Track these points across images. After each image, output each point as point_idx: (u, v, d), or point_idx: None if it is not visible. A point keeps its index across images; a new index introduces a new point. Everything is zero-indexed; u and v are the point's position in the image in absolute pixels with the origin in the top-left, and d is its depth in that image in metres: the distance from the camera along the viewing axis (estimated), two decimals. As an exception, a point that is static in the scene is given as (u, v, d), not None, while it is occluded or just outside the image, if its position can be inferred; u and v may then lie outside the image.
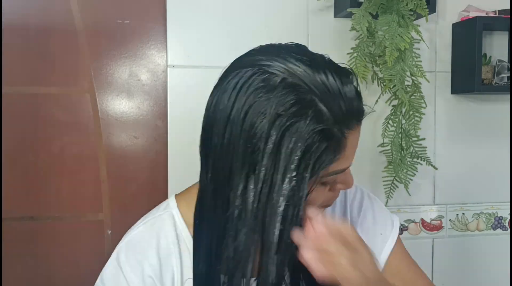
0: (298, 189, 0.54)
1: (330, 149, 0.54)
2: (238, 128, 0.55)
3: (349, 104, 0.55)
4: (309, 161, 0.53)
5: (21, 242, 1.16)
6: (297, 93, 0.53)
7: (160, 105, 1.21)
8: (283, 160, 0.53)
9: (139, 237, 0.68)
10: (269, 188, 0.54)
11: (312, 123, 0.53)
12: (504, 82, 1.26)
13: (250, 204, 0.55)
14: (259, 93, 0.54)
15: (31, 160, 1.15)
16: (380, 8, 1.10)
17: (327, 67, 0.56)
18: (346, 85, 0.56)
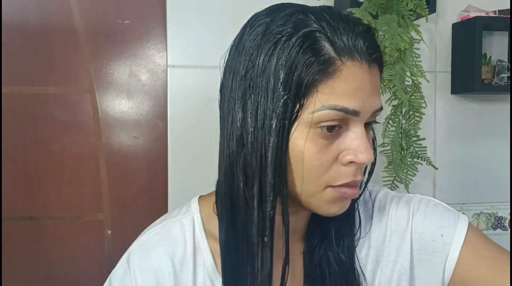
0: (287, 106, 0.51)
1: (318, 65, 0.50)
2: (238, 55, 0.56)
3: (350, 31, 0.52)
4: (295, 73, 0.51)
5: (21, 242, 1.16)
6: (295, 17, 0.53)
7: (160, 105, 1.21)
8: (272, 75, 0.52)
9: (154, 242, 0.62)
10: (263, 108, 0.52)
11: (302, 37, 0.51)
12: (504, 82, 1.26)
13: (250, 127, 0.53)
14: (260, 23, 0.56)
15: (31, 160, 1.15)
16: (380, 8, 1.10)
17: None
18: (352, 18, 0.53)
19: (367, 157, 0.53)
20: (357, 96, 0.52)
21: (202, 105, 1.18)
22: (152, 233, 0.63)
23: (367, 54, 0.52)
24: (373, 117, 0.56)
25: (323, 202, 0.55)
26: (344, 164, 0.54)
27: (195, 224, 0.63)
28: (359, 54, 0.52)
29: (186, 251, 0.61)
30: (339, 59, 0.51)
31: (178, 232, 0.62)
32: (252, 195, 0.54)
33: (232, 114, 0.55)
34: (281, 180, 0.53)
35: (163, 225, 0.64)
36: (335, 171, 0.54)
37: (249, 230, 0.54)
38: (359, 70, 0.52)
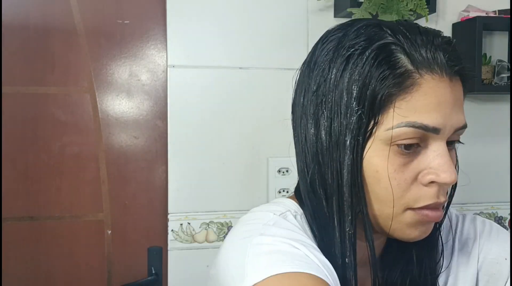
0: (361, 121, 0.49)
1: (393, 78, 0.48)
2: (309, 71, 0.54)
3: (429, 43, 0.49)
4: (369, 87, 0.48)
5: (21, 242, 1.16)
6: (368, 30, 0.51)
7: (160, 105, 1.21)
8: (345, 90, 0.49)
9: (274, 231, 0.53)
10: (336, 124, 0.50)
11: (376, 49, 0.49)
12: (504, 82, 1.26)
13: (324, 144, 0.51)
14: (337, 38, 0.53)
15: (31, 160, 1.15)
16: (380, 8, 1.10)
17: None
18: (431, 30, 0.51)
19: (450, 177, 0.49)
20: (438, 112, 0.48)
21: (202, 105, 1.18)
22: (271, 226, 0.54)
23: (448, 67, 0.49)
24: (457, 136, 0.52)
25: (403, 225, 0.52)
26: (424, 185, 0.50)
27: (302, 219, 0.57)
28: (439, 67, 0.49)
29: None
30: (417, 72, 0.48)
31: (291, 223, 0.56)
32: (333, 213, 0.52)
33: (305, 131, 0.53)
34: (359, 199, 0.51)
35: (278, 218, 0.55)
36: (415, 192, 0.50)
37: (332, 249, 0.52)
38: (439, 84, 0.49)
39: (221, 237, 1.19)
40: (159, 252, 1.20)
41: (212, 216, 1.19)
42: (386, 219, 0.52)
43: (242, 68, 1.20)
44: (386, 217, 0.52)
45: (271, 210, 0.56)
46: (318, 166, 0.52)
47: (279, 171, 1.21)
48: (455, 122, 0.50)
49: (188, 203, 1.18)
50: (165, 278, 1.19)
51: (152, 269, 1.19)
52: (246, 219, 0.57)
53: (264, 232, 0.50)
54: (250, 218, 0.56)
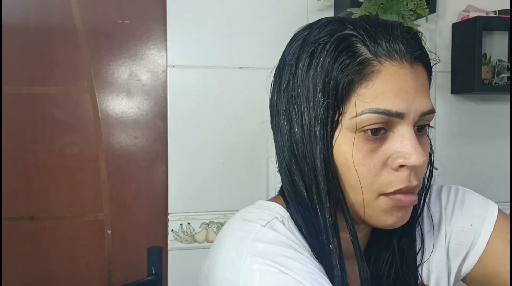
0: (328, 112, 0.50)
1: (353, 66, 0.49)
2: (279, 70, 0.56)
3: (388, 34, 0.50)
4: (332, 77, 0.50)
5: (21, 242, 1.16)
6: (330, 26, 0.53)
7: (160, 105, 1.21)
8: (311, 83, 0.51)
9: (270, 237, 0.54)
10: (307, 117, 0.52)
11: (336, 41, 0.51)
12: (504, 82, 1.26)
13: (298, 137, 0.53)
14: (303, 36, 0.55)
15: (31, 160, 1.15)
16: (380, 8, 1.10)
17: None
18: (390, 22, 0.53)
19: (418, 159, 0.50)
20: (399, 97, 0.49)
21: (202, 105, 1.18)
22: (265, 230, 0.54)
23: (407, 53, 0.51)
24: (425, 120, 0.53)
25: (378, 212, 0.52)
26: (395, 169, 0.51)
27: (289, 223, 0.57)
28: (398, 54, 0.50)
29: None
30: (376, 60, 0.50)
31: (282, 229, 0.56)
32: (314, 203, 0.53)
33: (280, 128, 0.55)
34: (334, 187, 0.52)
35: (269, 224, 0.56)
36: (386, 177, 0.51)
37: (319, 240, 0.53)
38: (400, 70, 0.50)
39: (221, 237, 1.19)
40: (159, 252, 1.20)
41: (212, 216, 1.19)
42: (361, 207, 0.53)
43: (242, 68, 1.20)
44: (361, 205, 0.53)
45: (257, 219, 0.55)
46: (294, 159, 0.54)
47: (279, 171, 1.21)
48: (420, 107, 0.51)
49: (188, 203, 1.18)
50: (165, 278, 1.19)
51: (152, 269, 1.19)
52: (232, 228, 0.57)
53: (254, 252, 0.51)
54: (236, 228, 0.56)
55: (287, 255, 0.51)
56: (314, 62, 0.51)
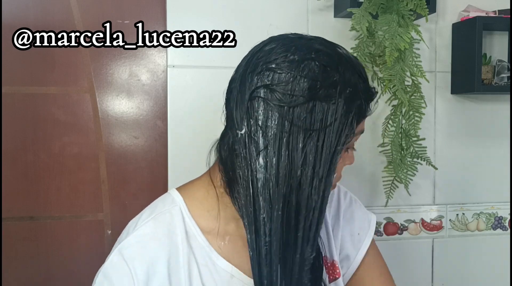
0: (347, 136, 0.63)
1: (361, 105, 0.64)
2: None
3: (365, 82, 0.66)
4: (350, 114, 0.62)
5: (21, 242, 1.16)
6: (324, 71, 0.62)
7: (160, 105, 1.21)
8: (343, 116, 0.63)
9: (151, 234, 0.67)
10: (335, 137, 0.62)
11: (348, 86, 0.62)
12: (504, 82, 1.26)
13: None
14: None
15: (31, 160, 1.15)
16: (380, 8, 1.10)
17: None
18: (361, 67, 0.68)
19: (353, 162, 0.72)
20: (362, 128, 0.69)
21: (202, 105, 1.18)
22: (145, 226, 0.67)
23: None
24: None
25: None
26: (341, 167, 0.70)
27: (183, 213, 0.69)
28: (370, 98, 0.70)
29: (180, 240, 0.66)
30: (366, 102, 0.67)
31: (170, 223, 0.67)
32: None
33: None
34: None
35: (154, 217, 0.68)
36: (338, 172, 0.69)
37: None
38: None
39: (221, 237, 1.19)
40: (159, 252, 1.20)
41: (212, 216, 1.19)
42: None
43: (242, 68, 1.19)
44: None
45: (144, 214, 0.70)
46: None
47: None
48: None
49: (188, 203, 1.18)
50: (165, 278, 1.19)
51: (152, 269, 1.19)
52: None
53: (122, 245, 0.68)
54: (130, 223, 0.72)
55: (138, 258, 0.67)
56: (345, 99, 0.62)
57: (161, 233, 0.66)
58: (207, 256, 0.67)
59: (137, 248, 0.66)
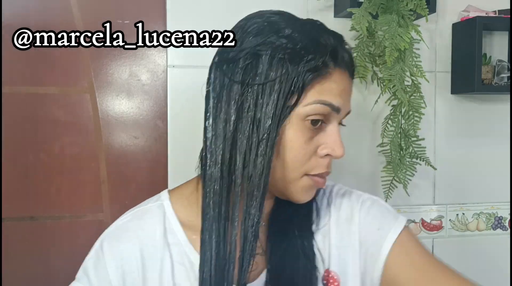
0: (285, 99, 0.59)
1: (315, 68, 0.60)
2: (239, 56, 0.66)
3: (341, 43, 0.63)
4: (287, 65, 0.59)
5: (21, 242, 1.16)
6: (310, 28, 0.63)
7: (160, 105, 1.21)
8: (264, 73, 0.60)
9: (124, 227, 0.69)
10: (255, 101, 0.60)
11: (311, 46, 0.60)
12: (504, 82, 1.26)
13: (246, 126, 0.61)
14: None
15: (31, 160, 1.15)
16: (380, 8, 1.10)
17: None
18: (338, 34, 0.65)
19: (341, 152, 0.63)
20: (341, 97, 0.62)
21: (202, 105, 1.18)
22: (123, 220, 0.70)
23: (349, 67, 0.64)
24: (344, 118, 0.66)
25: (298, 189, 0.64)
26: (321, 157, 0.63)
27: (165, 208, 0.70)
28: (344, 67, 0.63)
29: (156, 234, 0.67)
30: (332, 64, 0.61)
31: (147, 217, 0.69)
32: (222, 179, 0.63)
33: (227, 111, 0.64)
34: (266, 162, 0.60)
35: (134, 212, 0.71)
36: (313, 162, 0.63)
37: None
38: (344, 76, 0.63)
39: (221, 237, 1.19)
40: (159, 252, 1.20)
41: (212, 216, 1.19)
42: (288, 182, 0.63)
43: (242, 68, 1.20)
44: (288, 181, 0.63)
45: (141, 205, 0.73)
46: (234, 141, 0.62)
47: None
48: (347, 108, 0.65)
49: (188, 203, 1.18)
50: (165, 278, 1.19)
51: (152, 269, 1.19)
52: None
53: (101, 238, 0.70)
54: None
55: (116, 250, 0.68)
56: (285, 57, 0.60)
57: (134, 226, 0.68)
58: (184, 253, 0.67)
59: (111, 241, 0.68)
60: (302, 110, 0.60)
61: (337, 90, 0.61)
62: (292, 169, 0.62)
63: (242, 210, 0.61)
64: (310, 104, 0.60)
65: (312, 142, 0.62)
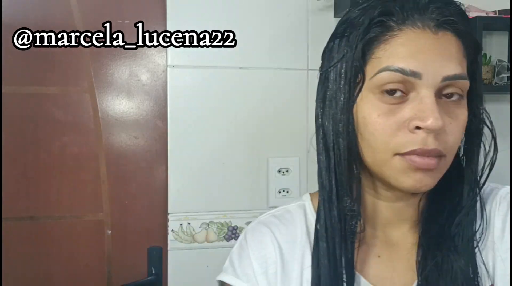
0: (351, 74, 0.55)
1: (374, 32, 0.54)
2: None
3: (415, 2, 0.54)
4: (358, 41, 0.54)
5: (21, 242, 1.16)
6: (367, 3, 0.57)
7: (160, 105, 1.21)
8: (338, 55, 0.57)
9: (267, 221, 0.66)
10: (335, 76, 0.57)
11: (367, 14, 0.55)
12: (504, 82, 1.26)
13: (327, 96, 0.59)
14: None
15: (31, 160, 1.15)
16: (380, 8, 1.10)
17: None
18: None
19: (434, 122, 0.50)
20: (415, 58, 0.52)
21: (202, 105, 1.18)
22: (266, 216, 0.68)
23: (432, 20, 0.53)
24: (454, 87, 0.54)
25: (395, 172, 0.54)
26: (411, 131, 0.53)
27: (306, 209, 0.66)
28: (421, 22, 0.53)
29: (297, 233, 0.64)
30: (396, 27, 0.53)
31: (290, 216, 0.66)
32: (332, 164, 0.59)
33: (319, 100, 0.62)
34: (353, 144, 0.56)
35: (278, 210, 0.68)
36: (402, 137, 0.53)
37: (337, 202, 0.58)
38: (420, 35, 0.53)
39: (221, 237, 1.19)
40: (159, 252, 1.20)
41: (212, 216, 1.19)
42: (380, 166, 0.55)
43: (242, 68, 1.20)
44: (379, 163, 0.55)
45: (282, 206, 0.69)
46: (322, 127, 0.59)
47: (279, 171, 1.21)
48: (441, 69, 0.52)
49: (188, 203, 1.18)
50: (165, 278, 1.19)
51: (152, 269, 1.19)
52: None
53: (250, 230, 0.67)
54: None
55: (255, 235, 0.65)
56: (346, 35, 0.56)
57: (277, 221, 0.66)
58: None
59: (254, 232, 0.66)
60: (369, 84, 0.54)
61: (407, 52, 0.52)
62: (376, 148, 0.54)
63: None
64: (376, 75, 0.53)
65: (394, 115, 0.53)
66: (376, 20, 0.54)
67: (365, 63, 0.54)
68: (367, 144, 0.55)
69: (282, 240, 0.64)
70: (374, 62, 0.54)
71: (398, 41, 0.53)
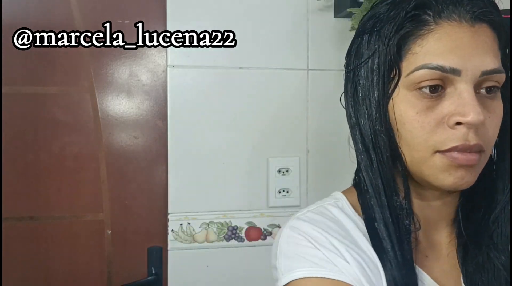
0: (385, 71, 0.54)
1: (409, 27, 0.53)
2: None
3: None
4: (390, 36, 0.53)
5: (21, 242, 1.16)
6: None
7: (160, 105, 1.21)
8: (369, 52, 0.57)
9: (310, 217, 0.61)
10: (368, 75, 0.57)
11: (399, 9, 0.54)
12: (504, 82, 1.25)
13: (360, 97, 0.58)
14: None
15: (31, 160, 1.15)
16: (380, 8, 1.09)
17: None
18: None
19: (474, 116, 0.49)
20: (454, 54, 0.51)
21: (202, 105, 1.18)
22: (307, 212, 0.62)
23: (468, 13, 0.52)
24: (492, 81, 0.53)
25: (435, 170, 0.53)
26: (451, 127, 0.51)
27: (343, 203, 0.63)
28: (457, 14, 0.52)
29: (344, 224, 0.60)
30: (432, 21, 0.52)
31: (330, 212, 0.62)
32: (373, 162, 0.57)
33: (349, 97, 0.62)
34: (392, 142, 0.55)
35: (317, 208, 0.63)
36: (442, 134, 0.52)
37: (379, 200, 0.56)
38: (457, 29, 0.51)
39: (221, 237, 1.19)
40: (159, 252, 1.20)
41: (212, 216, 1.19)
42: (420, 164, 0.54)
43: (242, 68, 1.20)
44: (419, 162, 0.54)
45: (315, 204, 0.64)
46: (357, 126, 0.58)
47: (279, 171, 1.21)
48: (479, 64, 0.51)
49: (188, 203, 1.18)
50: (165, 278, 1.19)
51: (152, 269, 1.19)
52: None
53: (294, 225, 0.59)
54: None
55: (313, 233, 0.57)
56: (376, 30, 0.56)
57: (320, 216, 0.61)
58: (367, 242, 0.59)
59: (297, 220, 0.60)
60: (405, 81, 0.53)
61: (446, 48, 0.51)
62: (415, 146, 0.53)
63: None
64: (413, 72, 0.52)
65: (433, 112, 0.52)
66: (411, 13, 0.52)
67: (401, 58, 0.53)
68: (404, 142, 0.54)
69: (330, 231, 0.58)
70: (410, 57, 0.53)
71: (435, 36, 0.52)
